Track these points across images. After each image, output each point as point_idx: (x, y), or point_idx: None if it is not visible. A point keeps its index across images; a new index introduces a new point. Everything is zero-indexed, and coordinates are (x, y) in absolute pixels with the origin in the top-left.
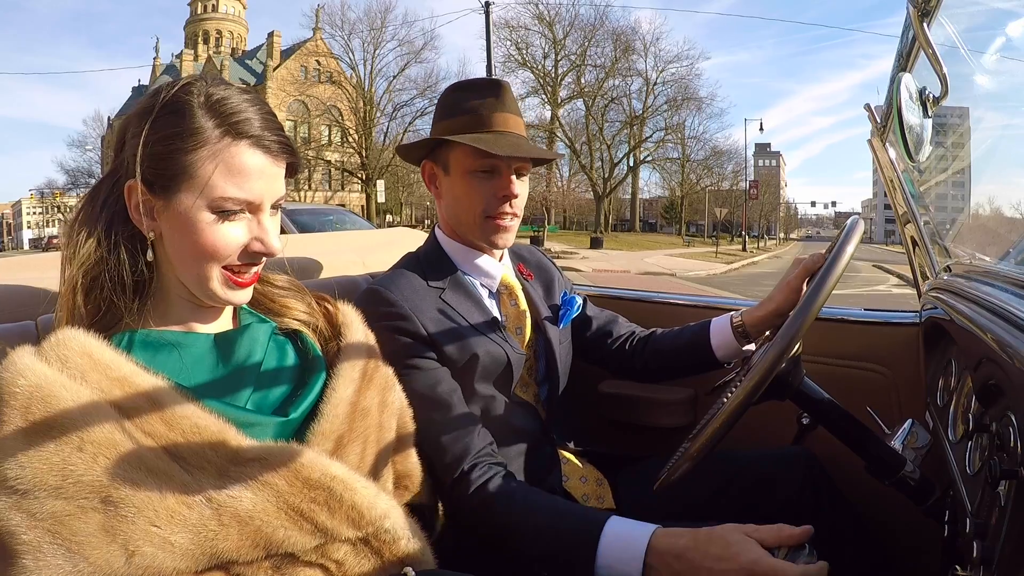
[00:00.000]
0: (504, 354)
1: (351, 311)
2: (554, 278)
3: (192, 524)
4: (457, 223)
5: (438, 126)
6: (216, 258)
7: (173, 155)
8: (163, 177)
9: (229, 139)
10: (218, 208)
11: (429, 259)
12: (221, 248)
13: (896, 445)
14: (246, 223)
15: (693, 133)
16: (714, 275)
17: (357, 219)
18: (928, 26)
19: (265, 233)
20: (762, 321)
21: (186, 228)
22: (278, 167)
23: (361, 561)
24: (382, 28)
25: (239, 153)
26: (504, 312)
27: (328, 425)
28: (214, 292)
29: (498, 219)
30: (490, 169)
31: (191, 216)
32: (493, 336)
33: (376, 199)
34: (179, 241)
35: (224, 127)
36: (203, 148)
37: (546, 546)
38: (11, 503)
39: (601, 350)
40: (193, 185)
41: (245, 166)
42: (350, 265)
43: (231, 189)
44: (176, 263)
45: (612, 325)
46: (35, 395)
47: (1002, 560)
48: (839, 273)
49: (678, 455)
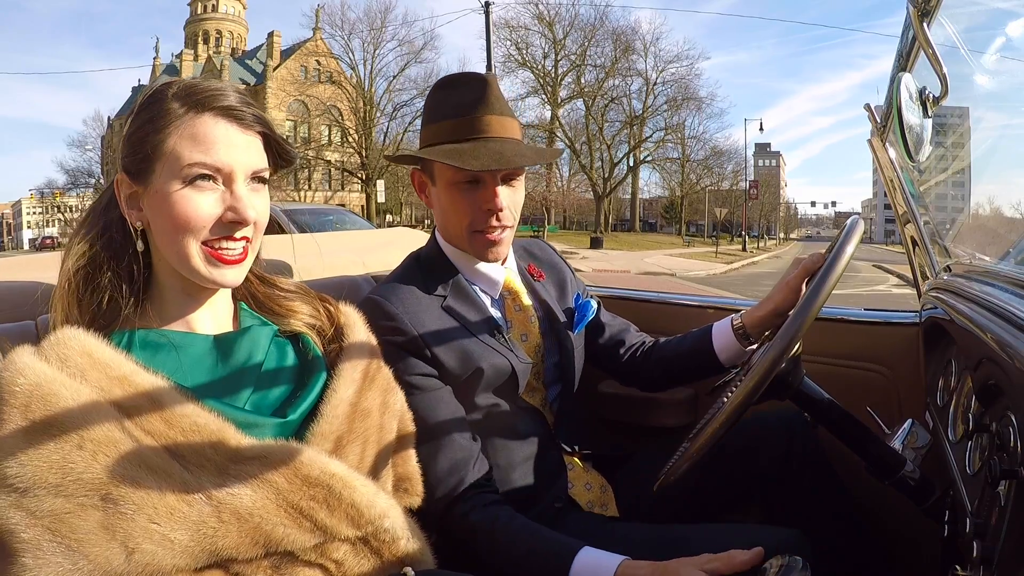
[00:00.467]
0: (508, 364)
1: (353, 312)
2: (567, 278)
3: (192, 521)
4: (448, 234)
5: (423, 131)
6: (190, 229)
7: (146, 139)
8: (139, 162)
9: (193, 113)
10: (187, 176)
11: (431, 263)
12: (193, 218)
13: (896, 445)
14: (219, 194)
15: (693, 133)
16: (714, 275)
17: (357, 219)
18: (928, 26)
19: (238, 201)
20: (762, 321)
21: (163, 205)
22: (249, 136)
23: (360, 561)
24: (382, 28)
25: (202, 123)
26: (509, 317)
27: (327, 426)
28: (197, 270)
29: (486, 233)
30: (473, 180)
31: (165, 191)
32: (497, 346)
33: (376, 199)
34: (160, 222)
35: (188, 104)
36: (170, 126)
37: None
38: (11, 501)
39: (612, 358)
40: (164, 161)
41: (208, 134)
42: (350, 265)
43: (196, 155)
44: (161, 247)
45: (625, 334)
46: (35, 394)
47: (1002, 560)
48: (839, 273)
49: (678, 455)
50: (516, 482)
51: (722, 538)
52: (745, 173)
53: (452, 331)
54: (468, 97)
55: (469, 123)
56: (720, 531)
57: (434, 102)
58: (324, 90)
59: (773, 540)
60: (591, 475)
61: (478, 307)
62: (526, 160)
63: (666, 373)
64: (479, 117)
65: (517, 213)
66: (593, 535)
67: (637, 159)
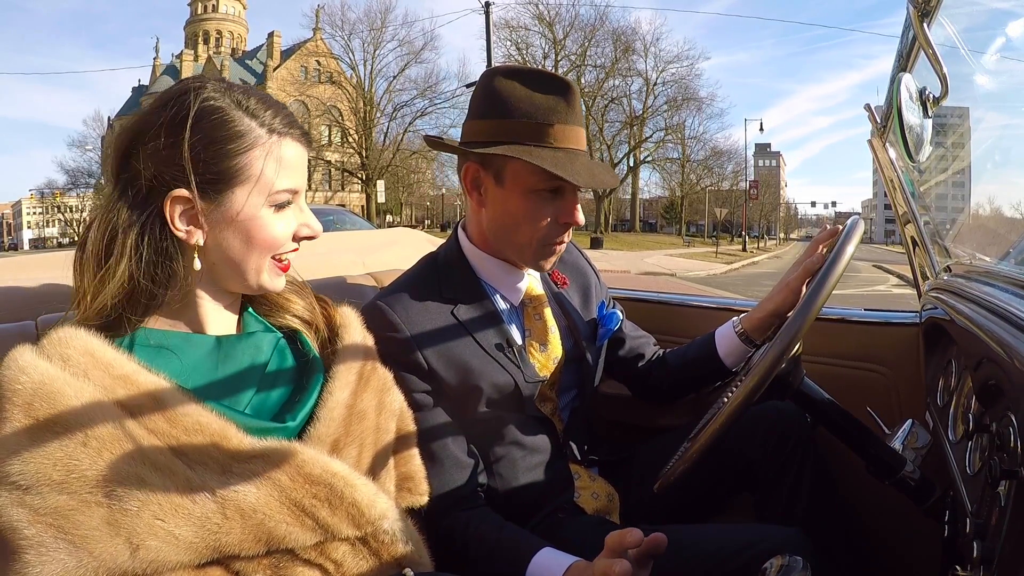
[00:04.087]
0: (512, 382)
1: (349, 312)
2: (591, 283)
3: (196, 517)
4: (500, 240)
5: (484, 122)
6: (274, 248)
7: (226, 157)
8: (216, 180)
9: (276, 136)
10: (275, 201)
11: (448, 266)
12: (280, 238)
13: (896, 445)
14: (293, 212)
15: (693, 133)
16: (714, 275)
17: (357, 219)
18: (928, 26)
19: (308, 217)
20: (761, 322)
21: (246, 225)
22: (307, 156)
23: (359, 562)
24: (382, 28)
25: (287, 147)
26: (528, 326)
27: (324, 429)
28: (263, 283)
29: (556, 245)
30: (556, 189)
31: (252, 213)
32: (504, 360)
33: (376, 199)
34: (233, 239)
35: (266, 126)
36: (255, 148)
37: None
38: (14, 499)
39: (629, 370)
40: (249, 183)
41: (293, 159)
42: (350, 265)
43: (285, 181)
44: (225, 263)
45: (645, 347)
46: (38, 392)
47: (1002, 560)
48: (839, 273)
49: (678, 456)
50: (521, 492)
51: (720, 538)
52: (745, 173)
53: (456, 343)
54: (551, 98)
55: (554, 131)
56: (719, 531)
57: (504, 92)
58: (324, 90)
59: (773, 539)
60: (598, 484)
61: (491, 316)
62: (616, 182)
63: (674, 382)
64: (566, 127)
65: None
66: (588, 537)
67: (637, 159)
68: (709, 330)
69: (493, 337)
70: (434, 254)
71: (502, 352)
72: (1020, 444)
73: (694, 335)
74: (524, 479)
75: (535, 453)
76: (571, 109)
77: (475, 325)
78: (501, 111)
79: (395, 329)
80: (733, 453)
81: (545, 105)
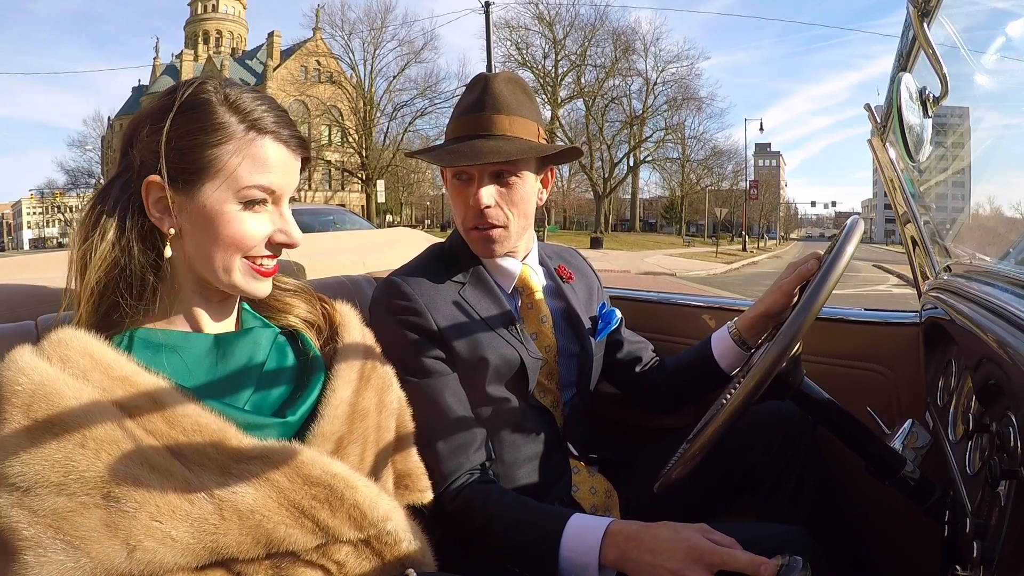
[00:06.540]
0: (517, 356)
1: (349, 311)
2: (594, 285)
3: (194, 519)
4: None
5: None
6: (241, 248)
7: (198, 149)
8: (187, 171)
9: (254, 133)
10: (244, 198)
11: (454, 251)
12: (248, 238)
13: (896, 445)
14: (268, 215)
15: (693, 133)
16: (714, 275)
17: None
18: (928, 26)
19: (287, 224)
20: (752, 322)
21: (212, 220)
22: (295, 161)
23: (362, 562)
24: (382, 28)
25: (263, 146)
26: (521, 314)
27: (328, 426)
28: (236, 283)
29: (476, 230)
30: (465, 177)
31: (218, 208)
32: (508, 337)
33: (376, 199)
34: (202, 233)
35: (246, 123)
36: (228, 143)
37: (518, 538)
38: (12, 500)
39: (626, 374)
40: (219, 177)
41: (269, 158)
42: (350, 265)
43: (256, 178)
44: (197, 257)
45: (643, 352)
46: (38, 393)
47: (1002, 560)
48: (839, 273)
49: (678, 456)
50: (519, 480)
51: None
52: (745, 173)
53: (465, 318)
54: (472, 97)
55: (467, 122)
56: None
57: (456, 104)
58: (324, 90)
59: (774, 538)
60: (596, 479)
61: (495, 297)
62: (499, 156)
63: (672, 388)
64: (478, 116)
65: (513, 212)
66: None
67: (637, 159)
68: (708, 330)
69: (498, 315)
70: (440, 244)
71: (506, 330)
72: (1020, 444)
73: (694, 335)
74: (523, 467)
75: (535, 442)
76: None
77: (481, 304)
78: (452, 115)
79: (409, 299)
80: (736, 454)
81: (467, 102)
